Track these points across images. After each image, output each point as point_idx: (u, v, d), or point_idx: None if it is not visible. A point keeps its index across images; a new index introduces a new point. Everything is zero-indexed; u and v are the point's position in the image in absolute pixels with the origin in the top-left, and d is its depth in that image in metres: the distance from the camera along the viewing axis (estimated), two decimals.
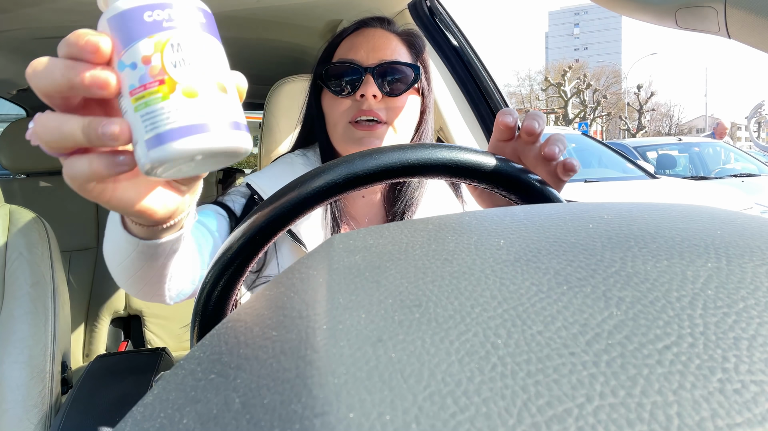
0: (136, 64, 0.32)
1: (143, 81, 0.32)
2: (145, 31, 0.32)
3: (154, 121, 0.32)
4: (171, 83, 0.32)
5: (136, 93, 0.32)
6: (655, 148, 6.28)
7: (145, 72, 0.32)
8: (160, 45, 0.32)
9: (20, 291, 1.09)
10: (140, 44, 0.32)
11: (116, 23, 0.33)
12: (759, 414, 0.12)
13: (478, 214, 0.28)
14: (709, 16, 0.47)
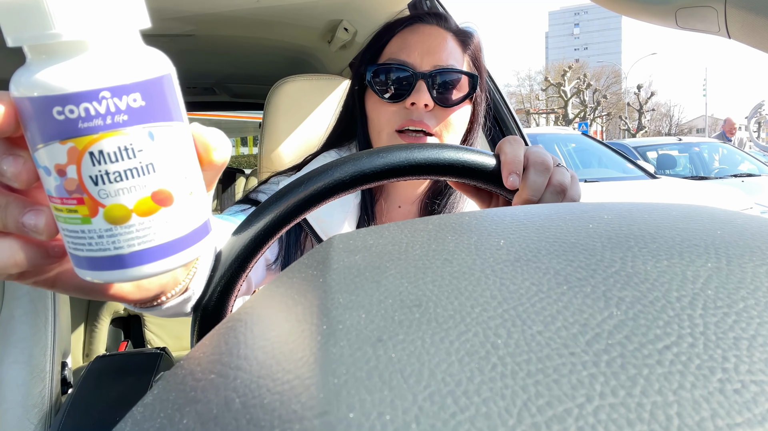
0: (49, 170, 0.24)
1: (59, 194, 0.25)
2: (57, 132, 0.23)
3: (76, 242, 0.26)
4: (92, 204, 0.25)
5: (54, 203, 0.25)
6: (655, 148, 6.28)
7: (60, 184, 0.24)
8: (75, 154, 0.24)
9: (20, 291, 1.09)
10: (51, 148, 0.24)
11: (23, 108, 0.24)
12: (759, 414, 0.12)
13: (478, 214, 0.28)
14: (709, 16, 0.47)
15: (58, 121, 0.23)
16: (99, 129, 0.24)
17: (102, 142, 0.24)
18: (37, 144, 0.24)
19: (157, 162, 0.25)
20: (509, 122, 1.13)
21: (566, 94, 26.94)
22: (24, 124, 0.24)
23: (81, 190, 0.24)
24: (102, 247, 0.25)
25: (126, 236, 0.25)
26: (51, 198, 0.25)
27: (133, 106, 0.24)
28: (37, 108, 0.23)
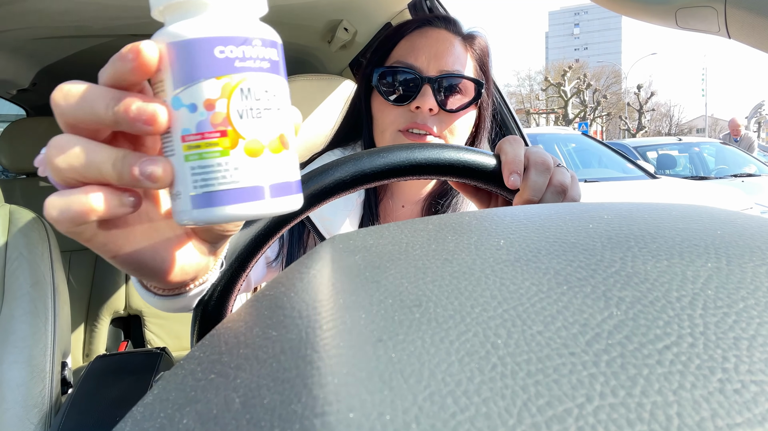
0: (196, 106, 0.27)
1: (201, 128, 0.27)
2: (214, 69, 0.26)
3: (207, 177, 0.27)
4: (234, 137, 0.27)
5: (190, 140, 0.27)
6: (655, 148, 6.28)
7: (206, 119, 0.27)
8: (228, 89, 0.27)
9: (20, 291, 1.09)
10: (205, 84, 0.26)
11: (179, 51, 0.26)
12: (759, 414, 0.12)
13: (478, 214, 0.28)
14: (709, 16, 0.47)
15: (218, 59, 0.27)
16: (250, 69, 0.27)
17: (251, 80, 0.27)
18: (187, 83, 0.27)
19: (283, 109, 0.29)
20: (509, 122, 1.13)
21: (566, 94, 26.94)
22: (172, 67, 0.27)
23: (227, 122, 0.27)
24: (234, 179, 0.27)
25: (259, 169, 0.28)
26: (187, 137, 0.27)
27: (273, 58, 0.28)
28: (199, 48, 0.26)
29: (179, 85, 0.27)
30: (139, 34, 1.52)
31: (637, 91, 26.22)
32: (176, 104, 0.27)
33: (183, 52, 0.26)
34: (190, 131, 0.27)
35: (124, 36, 1.53)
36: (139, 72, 0.26)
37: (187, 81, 0.27)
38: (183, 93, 0.27)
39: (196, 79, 0.27)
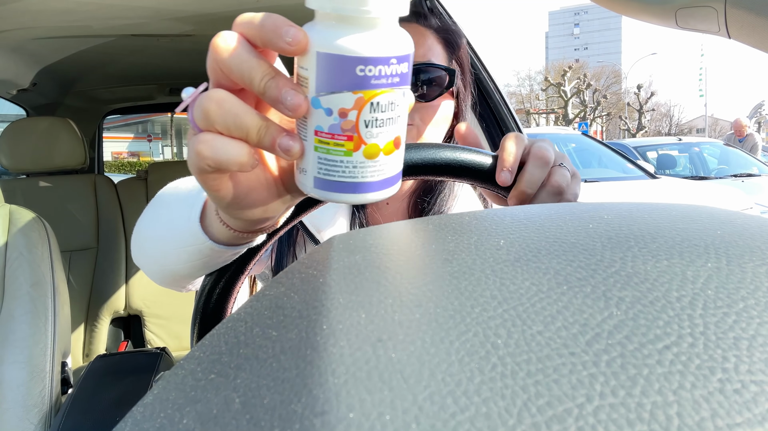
0: (331, 111, 0.31)
1: (332, 131, 0.31)
2: (352, 84, 0.30)
3: (329, 168, 0.32)
4: (357, 142, 0.31)
5: (322, 137, 0.31)
6: (655, 148, 6.28)
7: (337, 123, 0.31)
8: (360, 102, 0.31)
9: (20, 291, 1.09)
10: (342, 96, 0.30)
11: (326, 62, 0.30)
12: (759, 414, 0.12)
13: (478, 214, 0.28)
14: (709, 16, 0.47)
15: (358, 76, 0.30)
16: (382, 86, 0.31)
17: (381, 95, 0.31)
18: (331, 89, 0.30)
19: (401, 115, 0.33)
20: (509, 122, 1.13)
21: (566, 94, 26.94)
22: (321, 72, 0.30)
23: (354, 129, 0.31)
24: (353, 175, 0.32)
25: (371, 169, 0.33)
26: (319, 132, 0.32)
27: (402, 72, 0.32)
28: (343, 65, 0.30)
29: (321, 89, 0.31)
30: (139, 34, 1.52)
31: (637, 91, 26.21)
32: (315, 104, 0.31)
33: (330, 63, 0.30)
34: (322, 129, 0.31)
35: (124, 36, 1.53)
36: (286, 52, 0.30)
37: (328, 88, 0.30)
38: (323, 97, 0.31)
39: (335, 90, 0.30)
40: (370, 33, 0.30)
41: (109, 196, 1.99)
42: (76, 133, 1.84)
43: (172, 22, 1.41)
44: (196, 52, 1.73)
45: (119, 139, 15.78)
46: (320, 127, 0.31)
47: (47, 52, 1.64)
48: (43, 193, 1.87)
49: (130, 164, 13.77)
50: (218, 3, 1.28)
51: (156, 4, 1.27)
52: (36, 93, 1.93)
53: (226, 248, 0.45)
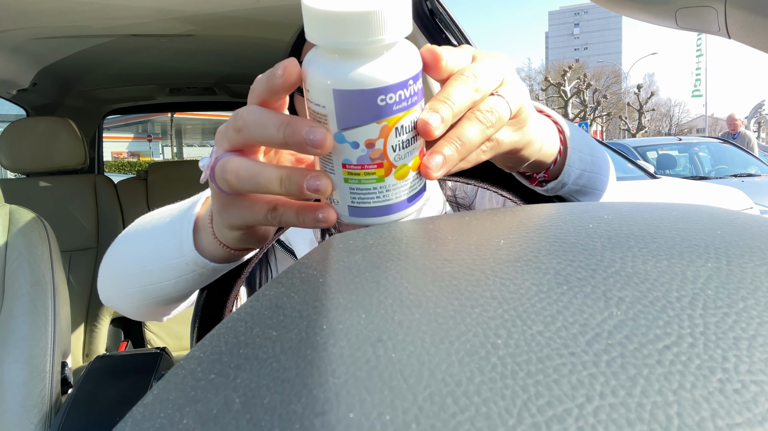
0: (358, 144, 0.30)
1: (362, 161, 0.31)
2: (375, 115, 0.29)
3: (363, 197, 0.32)
4: (388, 167, 0.31)
5: (351, 169, 0.31)
6: (655, 148, 6.27)
7: (365, 154, 0.30)
8: (386, 130, 0.30)
9: (20, 291, 1.09)
10: (367, 128, 0.30)
11: (345, 98, 0.29)
12: (759, 414, 0.12)
13: (478, 213, 0.28)
14: (709, 16, 0.47)
15: (380, 106, 0.29)
16: (404, 109, 0.30)
17: (404, 118, 0.30)
18: (352, 124, 0.30)
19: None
20: None
21: (566, 94, 26.93)
22: (341, 108, 0.29)
23: (383, 156, 0.31)
24: (387, 198, 0.32)
25: (403, 188, 0.32)
26: (348, 165, 0.31)
27: (418, 89, 0.31)
28: (364, 98, 0.29)
29: (343, 125, 0.30)
30: (139, 34, 1.52)
31: (637, 91, 26.21)
32: (339, 139, 0.30)
33: (349, 99, 0.29)
34: (350, 161, 0.31)
35: (124, 36, 1.53)
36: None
37: (350, 123, 0.30)
38: (346, 132, 0.30)
39: (359, 123, 0.30)
40: (382, 60, 0.29)
41: (109, 195, 1.99)
42: (76, 133, 1.84)
43: (172, 22, 1.41)
44: (196, 52, 1.73)
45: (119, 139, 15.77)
46: (348, 161, 0.31)
47: (47, 52, 1.64)
48: (43, 193, 1.87)
49: (130, 164, 13.75)
50: (218, 3, 1.28)
51: (156, 4, 1.27)
52: (36, 93, 1.93)
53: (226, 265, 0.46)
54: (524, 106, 0.36)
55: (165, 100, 2.51)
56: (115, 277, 0.52)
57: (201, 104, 2.64)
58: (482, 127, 0.33)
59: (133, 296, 0.51)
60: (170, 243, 0.46)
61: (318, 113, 0.31)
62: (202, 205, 0.46)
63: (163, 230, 0.48)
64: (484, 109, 0.34)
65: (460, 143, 0.32)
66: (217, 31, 1.50)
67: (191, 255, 0.44)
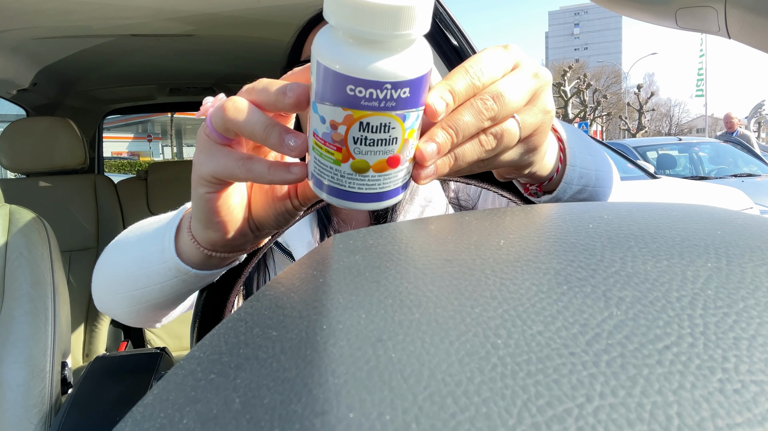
0: (324, 119, 0.31)
1: (324, 138, 0.32)
2: (342, 101, 0.30)
3: (321, 170, 0.33)
4: (346, 154, 0.32)
5: (317, 140, 0.32)
6: (655, 148, 6.27)
7: (328, 132, 0.31)
8: (349, 120, 0.30)
9: (20, 291, 1.09)
10: (334, 109, 0.30)
11: (323, 73, 0.30)
12: (759, 414, 0.12)
13: (478, 214, 0.28)
14: (709, 16, 0.47)
15: (348, 95, 0.29)
16: (373, 108, 0.30)
17: (372, 118, 0.30)
18: (324, 100, 0.30)
19: (399, 137, 0.31)
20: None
21: (566, 94, 26.93)
22: (319, 81, 0.30)
23: (342, 142, 0.31)
24: (340, 183, 0.33)
25: (359, 182, 0.33)
26: (315, 135, 0.32)
27: (402, 97, 0.30)
28: (336, 80, 0.29)
29: (318, 97, 0.31)
30: (139, 34, 1.52)
31: (637, 91, 26.21)
32: (314, 108, 0.31)
33: (326, 75, 0.30)
34: (317, 132, 0.32)
35: (124, 36, 1.53)
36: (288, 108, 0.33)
37: (323, 98, 0.30)
38: (320, 105, 0.31)
39: (328, 101, 0.30)
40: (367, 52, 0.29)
41: (109, 196, 1.99)
42: (76, 133, 1.84)
43: (172, 22, 1.41)
44: (196, 52, 1.73)
45: (119, 139, 15.77)
46: (316, 131, 0.32)
47: (47, 52, 1.64)
48: (43, 193, 1.87)
49: (130, 164, 13.76)
50: (218, 3, 1.28)
51: (156, 4, 1.27)
52: (36, 93, 1.93)
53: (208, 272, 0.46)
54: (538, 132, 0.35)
55: (165, 100, 2.51)
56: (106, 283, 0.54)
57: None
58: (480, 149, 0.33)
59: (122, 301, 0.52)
60: (154, 250, 0.47)
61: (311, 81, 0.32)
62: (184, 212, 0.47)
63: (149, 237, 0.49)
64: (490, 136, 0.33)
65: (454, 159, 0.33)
66: (217, 31, 1.50)
67: (173, 262, 0.45)
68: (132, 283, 0.49)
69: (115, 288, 0.52)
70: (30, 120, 1.87)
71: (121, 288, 0.51)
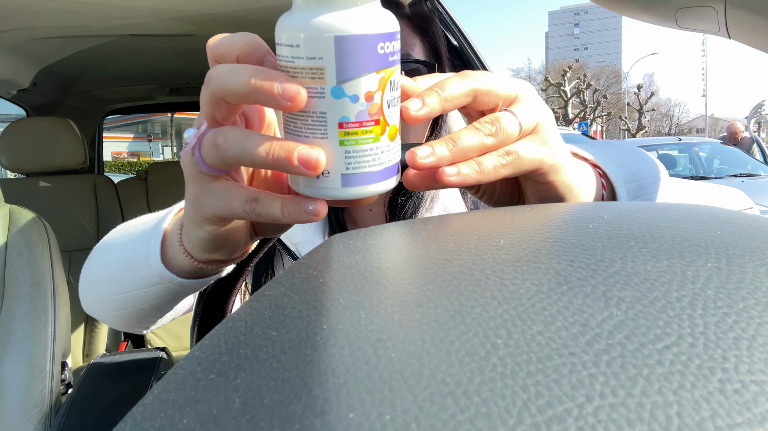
0: (357, 97, 0.29)
1: (360, 118, 0.29)
2: (375, 64, 0.28)
3: (360, 160, 0.30)
4: (383, 124, 0.30)
5: (349, 128, 0.29)
6: (655, 148, 6.27)
7: (364, 109, 0.29)
8: (383, 82, 0.29)
9: (20, 291, 1.09)
10: (369, 78, 0.28)
11: (348, 45, 0.28)
12: (759, 414, 0.12)
13: (478, 214, 0.28)
14: (709, 16, 0.47)
15: (379, 54, 0.29)
16: (395, 62, 0.30)
17: (395, 72, 0.30)
18: (356, 73, 0.28)
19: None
20: None
21: (566, 94, 26.93)
22: (337, 59, 0.28)
23: (380, 112, 0.30)
24: (380, 161, 0.31)
25: (393, 151, 0.31)
26: (346, 125, 0.29)
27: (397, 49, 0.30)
28: (366, 44, 0.28)
29: (344, 76, 0.28)
30: (139, 34, 1.52)
31: (637, 91, 26.21)
32: (337, 94, 0.29)
33: (351, 46, 0.28)
34: (348, 119, 0.29)
35: (124, 36, 1.53)
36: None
37: (352, 74, 0.28)
38: (347, 84, 0.28)
39: (361, 73, 0.28)
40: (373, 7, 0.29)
41: (109, 196, 1.99)
42: (76, 133, 1.84)
43: (172, 22, 1.41)
44: (196, 52, 1.73)
45: (119, 139, 15.76)
46: (346, 118, 0.29)
47: (47, 52, 1.64)
48: (43, 193, 1.87)
49: (130, 164, 13.75)
50: (218, 3, 1.28)
51: (156, 4, 1.27)
52: (36, 93, 1.93)
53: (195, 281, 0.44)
54: (543, 124, 0.35)
55: (165, 100, 2.51)
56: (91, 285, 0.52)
57: None
58: (480, 134, 0.33)
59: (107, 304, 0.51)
60: (139, 255, 0.45)
61: (310, 68, 0.29)
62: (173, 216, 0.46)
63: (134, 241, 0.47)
64: (483, 120, 0.33)
65: (452, 143, 0.32)
66: (217, 31, 1.50)
67: (157, 268, 0.43)
68: (116, 287, 0.48)
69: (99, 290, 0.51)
70: (30, 120, 1.87)
71: (105, 291, 0.50)
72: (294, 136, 0.30)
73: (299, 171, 0.29)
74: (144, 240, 0.45)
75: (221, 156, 0.30)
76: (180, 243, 0.40)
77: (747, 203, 3.71)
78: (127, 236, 0.49)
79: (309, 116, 0.29)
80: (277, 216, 0.32)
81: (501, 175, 0.34)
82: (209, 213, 0.34)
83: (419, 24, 0.69)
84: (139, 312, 0.49)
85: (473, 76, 0.34)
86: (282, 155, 0.29)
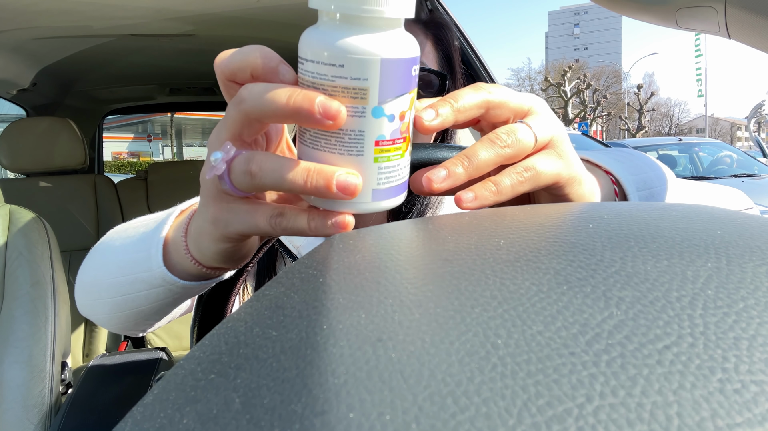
0: (394, 116, 0.30)
1: (394, 135, 0.31)
2: (410, 84, 0.30)
3: (390, 175, 0.31)
4: (407, 141, 0.32)
5: (384, 145, 0.31)
6: (655, 148, 6.27)
7: (398, 127, 0.31)
8: (412, 102, 0.31)
9: (20, 291, 1.09)
10: (404, 99, 0.30)
11: (392, 68, 0.29)
12: (759, 414, 0.12)
13: (478, 213, 0.28)
14: (709, 16, 0.47)
15: (412, 76, 0.31)
16: (416, 84, 0.32)
17: (415, 92, 0.32)
18: (394, 94, 0.30)
19: None
20: None
21: (566, 94, 26.93)
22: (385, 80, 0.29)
23: (408, 129, 0.32)
24: (403, 175, 0.33)
25: (409, 164, 0.33)
26: (381, 142, 0.31)
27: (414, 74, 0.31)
28: (405, 67, 0.30)
29: (385, 96, 0.30)
30: (139, 34, 1.52)
31: (637, 91, 26.21)
32: (377, 113, 0.30)
33: (396, 68, 0.29)
34: (384, 137, 0.30)
35: (124, 36, 1.53)
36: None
37: (391, 94, 0.30)
38: (387, 104, 0.30)
39: (399, 93, 0.30)
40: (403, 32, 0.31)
41: (109, 196, 1.99)
42: (76, 133, 1.84)
43: (172, 22, 1.41)
44: (196, 52, 1.73)
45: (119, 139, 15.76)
46: (382, 136, 0.30)
47: (47, 52, 1.64)
48: (43, 193, 1.87)
49: (130, 164, 13.75)
50: (218, 3, 1.28)
51: (156, 4, 1.28)
52: (36, 93, 1.93)
53: (198, 284, 0.44)
54: (558, 137, 0.35)
55: (165, 100, 2.51)
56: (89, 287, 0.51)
57: (201, 104, 2.65)
58: (495, 146, 0.33)
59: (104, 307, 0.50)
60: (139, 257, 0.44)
61: (354, 88, 0.29)
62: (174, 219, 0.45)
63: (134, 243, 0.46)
64: (498, 132, 0.33)
65: (467, 161, 0.32)
66: (217, 31, 1.50)
67: (159, 271, 0.43)
68: (115, 289, 0.47)
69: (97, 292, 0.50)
70: (30, 120, 1.87)
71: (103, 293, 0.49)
72: (317, 151, 0.31)
73: (337, 196, 0.29)
74: (144, 242, 0.45)
75: (256, 183, 0.30)
76: (187, 251, 0.40)
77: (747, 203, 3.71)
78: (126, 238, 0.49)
79: (346, 134, 0.30)
80: (304, 230, 0.32)
81: (519, 192, 0.33)
82: (232, 231, 0.34)
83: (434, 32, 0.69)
84: (137, 315, 0.49)
85: (486, 88, 0.34)
86: (321, 183, 0.29)
